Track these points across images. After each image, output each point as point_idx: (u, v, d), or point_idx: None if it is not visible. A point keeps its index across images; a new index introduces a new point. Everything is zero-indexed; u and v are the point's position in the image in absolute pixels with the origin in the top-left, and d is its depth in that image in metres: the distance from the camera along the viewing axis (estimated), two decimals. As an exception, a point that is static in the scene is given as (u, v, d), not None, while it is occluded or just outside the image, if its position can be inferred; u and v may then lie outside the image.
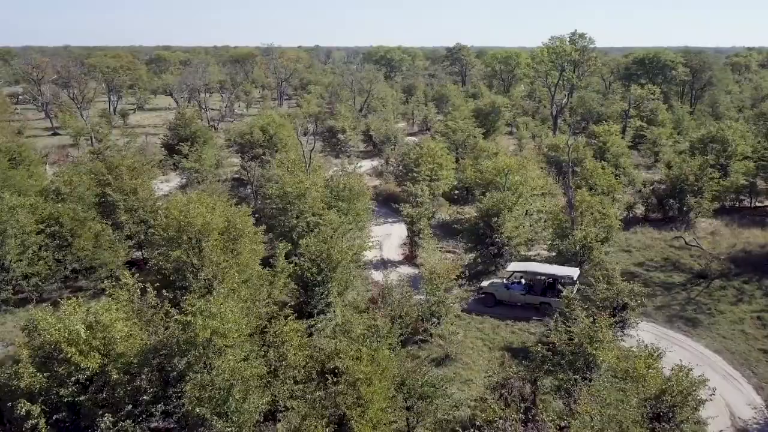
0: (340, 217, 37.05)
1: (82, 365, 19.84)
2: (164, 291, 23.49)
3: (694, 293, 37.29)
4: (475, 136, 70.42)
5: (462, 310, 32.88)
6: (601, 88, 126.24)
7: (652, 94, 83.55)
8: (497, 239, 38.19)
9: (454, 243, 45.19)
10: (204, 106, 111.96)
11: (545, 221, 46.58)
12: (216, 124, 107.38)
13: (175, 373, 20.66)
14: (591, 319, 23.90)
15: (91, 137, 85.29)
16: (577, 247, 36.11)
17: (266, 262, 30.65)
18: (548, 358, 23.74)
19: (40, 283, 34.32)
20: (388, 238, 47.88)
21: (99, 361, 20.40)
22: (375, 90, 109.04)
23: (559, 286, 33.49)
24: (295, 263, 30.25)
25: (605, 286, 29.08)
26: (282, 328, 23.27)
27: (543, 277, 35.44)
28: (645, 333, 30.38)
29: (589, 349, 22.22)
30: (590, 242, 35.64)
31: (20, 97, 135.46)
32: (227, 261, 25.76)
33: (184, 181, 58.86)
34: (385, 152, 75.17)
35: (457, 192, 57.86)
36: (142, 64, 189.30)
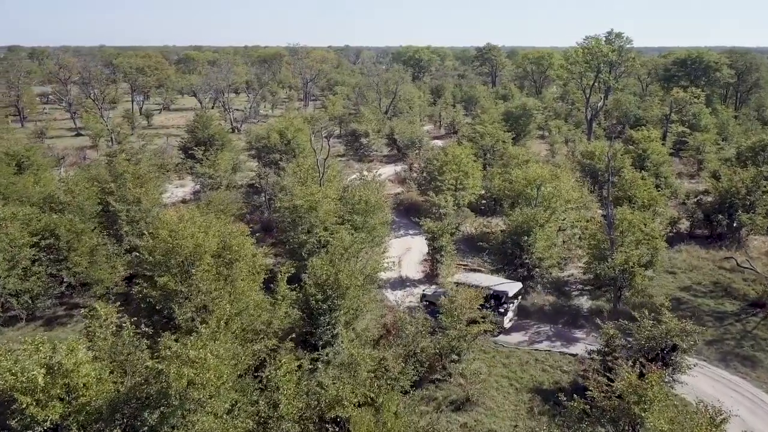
0: (353, 233, 33.89)
1: (38, 418, 17.11)
2: (143, 326, 20.62)
3: (751, 325, 33.09)
4: (504, 141, 66.61)
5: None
6: (638, 90, 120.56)
7: (695, 97, 78.25)
8: (527, 260, 34.55)
9: (479, 260, 41.70)
10: (227, 107, 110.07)
11: (580, 238, 42.72)
12: (239, 125, 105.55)
13: (146, 428, 17.76)
14: (637, 371, 20.20)
15: (111, 138, 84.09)
16: (616, 272, 32.31)
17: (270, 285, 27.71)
18: (586, 414, 20.18)
19: (30, 301, 31.95)
20: (408, 252, 44.58)
21: (60, 410, 17.65)
22: (401, 91, 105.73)
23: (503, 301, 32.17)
24: (300, 286, 27.32)
25: (651, 322, 25.29)
26: (275, 371, 20.25)
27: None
28: (696, 376, 26.43)
29: (636, 410, 18.58)
30: (632, 267, 31.79)
31: (49, 96, 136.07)
32: (219, 290, 22.82)
33: (197, 186, 56.46)
34: (409, 157, 71.85)
35: (484, 202, 54.16)
36: (171, 64, 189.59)
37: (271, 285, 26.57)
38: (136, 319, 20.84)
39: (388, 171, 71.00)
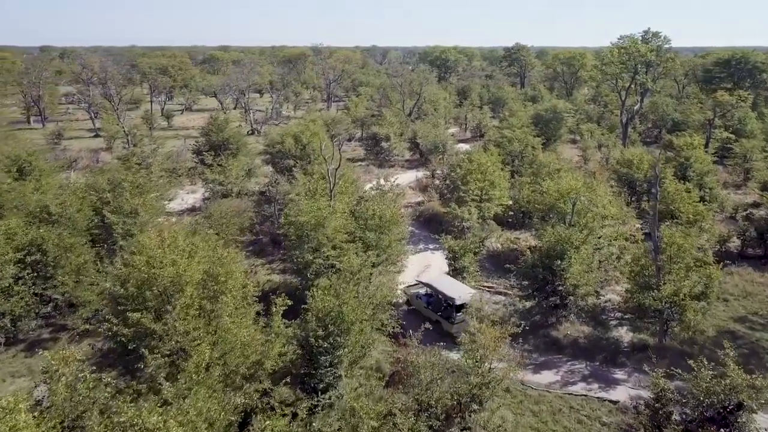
0: (364, 253, 30.42)
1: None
2: (105, 375, 17.50)
3: (821, 367, 28.63)
4: (533, 147, 62.43)
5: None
6: (674, 92, 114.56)
7: (742, 100, 72.81)
8: (560, 287, 30.63)
9: (505, 281, 37.87)
10: (247, 108, 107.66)
11: (617, 258, 38.58)
12: (260, 127, 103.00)
13: None
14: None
15: (127, 140, 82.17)
16: (664, 304, 28.22)
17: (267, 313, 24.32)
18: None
19: (11, 324, 29.24)
20: (427, 270, 40.77)
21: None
22: (426, 92, 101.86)
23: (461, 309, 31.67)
24: (302, 316, 24.07)
25: (710, 373, 21.25)
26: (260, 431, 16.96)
27: (439, 295, 33.11)
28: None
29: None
30: (682, 299, 27.68)
31: (75, 96, 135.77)
32: (198, 329, 19.53)
33: (207, 194, 53.70)
34: (432, 163, 68.05)
35: (511, 214, 50.05)
36: (197, 64, 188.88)
37: (266, 317, 23.26)
38: (95, 368, 17.68)
39: (409, 177, 67.48)
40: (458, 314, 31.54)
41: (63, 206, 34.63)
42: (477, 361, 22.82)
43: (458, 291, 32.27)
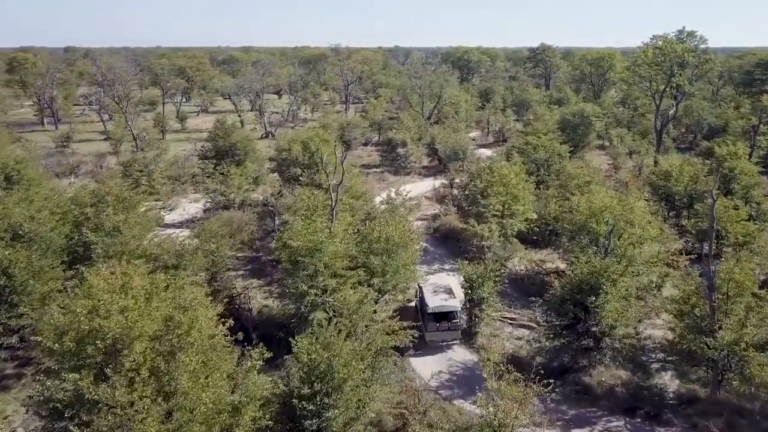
0: (365, 284, 26.50)
1: None
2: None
3: None
4: (560, 155, 57.86)
5: None
6: (707, 95, 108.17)
7: (791, 105, 67.16)
8: (594, 327, 26.26)
9: (530, 312, 33.52)
10: (261, 111, 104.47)
11: (657, 287, 34.01)
12: (274, 130, 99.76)
13: None
14: None
15: (135, 143, 79.53)
16: (721, 353, 23.72)
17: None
18: None
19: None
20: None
21: None
22: (447, 94, 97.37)
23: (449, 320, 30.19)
24: (285, 369, 20.31)
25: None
26: None
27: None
28: None
29: None
30: (744, 350, 23.15)
31: (92, 98, 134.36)
32: (145, 398, 15.71)
33: (208, 204, 50.32)
34: (451, 171, 63.80)
35: (537, 230, 45.39)
36: (216, 65, 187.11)
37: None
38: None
39: (426, 185, 63.38)
40: (434, 323, 30.03)
41: (37, 223, 31.32)
42: (495, 431, 18.68)
43: (437, 300, 30.58)
